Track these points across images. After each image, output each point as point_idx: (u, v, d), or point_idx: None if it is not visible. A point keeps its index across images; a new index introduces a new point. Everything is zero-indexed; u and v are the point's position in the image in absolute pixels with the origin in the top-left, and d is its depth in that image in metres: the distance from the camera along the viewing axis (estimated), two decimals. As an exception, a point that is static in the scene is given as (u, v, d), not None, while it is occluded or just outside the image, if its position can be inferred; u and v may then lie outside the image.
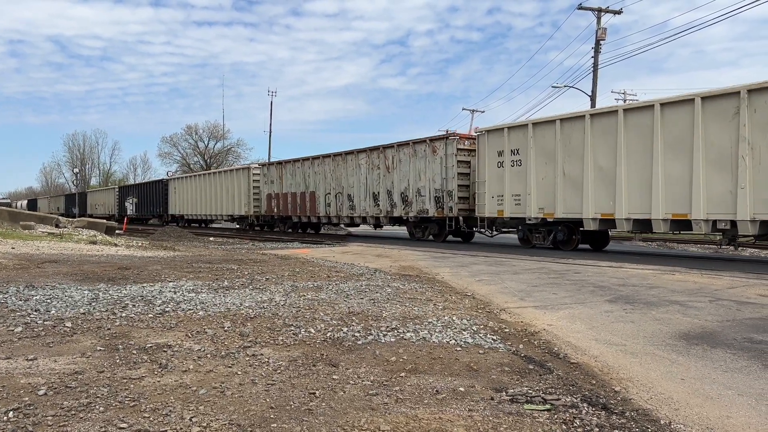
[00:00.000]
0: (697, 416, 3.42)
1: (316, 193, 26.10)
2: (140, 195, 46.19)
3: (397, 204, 21.76)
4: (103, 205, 55.10)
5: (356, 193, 23.73)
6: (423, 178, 20.51)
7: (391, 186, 21.98)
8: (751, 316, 6.28)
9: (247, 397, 3.57)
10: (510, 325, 5.93)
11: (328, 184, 25.39)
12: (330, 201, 25.34)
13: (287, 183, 28.19)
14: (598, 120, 15.17)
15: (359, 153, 23.76)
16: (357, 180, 23.67)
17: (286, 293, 7.57)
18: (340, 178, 24.69)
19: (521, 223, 17.37)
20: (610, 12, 31.13)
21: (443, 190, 19.58)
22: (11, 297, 6.83)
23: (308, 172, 26.76)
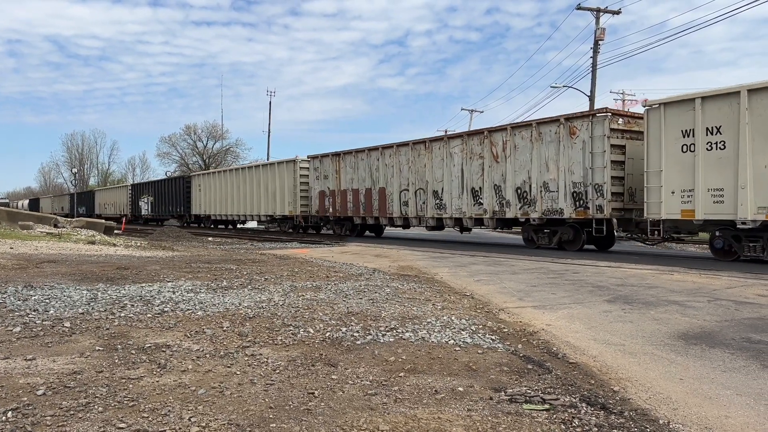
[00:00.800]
0: (696, 416, 3.43)
1: (387, 190, 21.90)
2: (157, 193, 42.19)
3: (510, 202, 17.27)
4: (114, 205, 51.63)
5: (446, 188, 19.33)
6: (553, 168, 16.07)
7: (501, 179, 17.54)
8: (750, 316, 6.29)
9: (246, 397, 3.57)
10: (509, 324, 5.93)
11: (404, 178, 21.19)
12: (407, 199, 21.06)
13: (346, 178, 23.95)
14: None
15: (451, 139, 19.58)
16: (448, 173, 19.29)
17: (284, 293, 7.57)
18: (422, 170, 20.39)
19: (721, 228, 13.06)
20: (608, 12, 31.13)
21: (587, 184, 15.25)
22: (10, 297, 6.82)
23: (376, 165, 22.44)
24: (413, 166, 20.86)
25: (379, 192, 22.43)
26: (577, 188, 15.60)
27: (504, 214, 17.60)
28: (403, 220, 21.60)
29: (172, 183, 40.96)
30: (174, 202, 39.44)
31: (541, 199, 16.51)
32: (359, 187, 23.37)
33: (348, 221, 24.54)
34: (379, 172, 22.42)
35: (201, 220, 37.09)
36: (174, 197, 39.56)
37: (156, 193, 42.56)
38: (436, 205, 19.90)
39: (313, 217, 26.51)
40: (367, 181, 22.95)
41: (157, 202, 42.09)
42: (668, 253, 16.61)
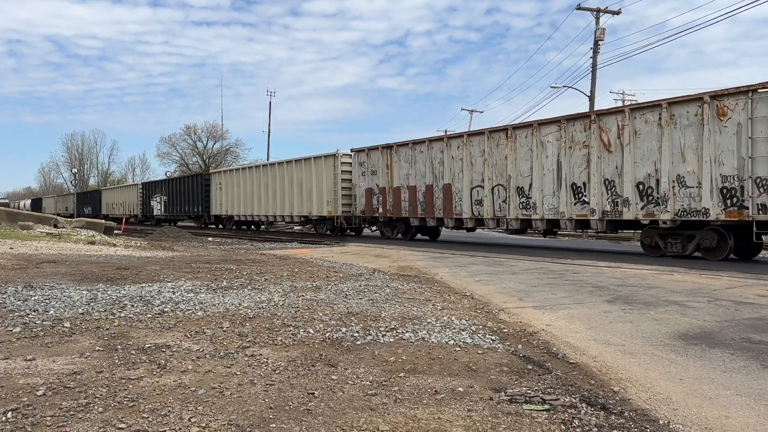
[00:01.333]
0: (696, 416, 3.43)
1: (454, 187, 18.86)
2: (172, 192, 39.24)
3: (628, 200, 14.30)
4: (123, 205, 48.76)
5: (536, 184, 16.31)
6: (692, 158, 13.11)
7: (615, 173, 14.59)
8: (750, 316, 6.29)
9: (246, 398, 3.57)
10: (509, 325, 5.93)
11: (476, 172, 18.11)
12: (481, 197, 17.98)
13: (400, 174, 21.02)
14: None
15: (543, 125, 16.31)
16: (538, 165, 16.24)
17: (284, 293, 7.57)
18: (501, 163, 17.34)
19: None
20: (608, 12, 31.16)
21: (744, 178, 12.27)
22: (10, 297, 6.82)
23: (439, 158, 19.48)
24: (490, 158, 17.68)
25: (443, 189, 19.32)
26: (727, 183, 12.53)
27: (619, 214, 14.52)
28: (475, 221, 18.50)
29: (189, 181, 37.84)
30: (191, 202, 36.49)
31: (674, 196, 13.42)
32: (417, 184, 20.36)
33: (401, 222, 21.66)
34: (444, 166, 19.28)
35: (222, 221, 34.28)
36: (191, 196, 36.58)
37: (170, 192, 39.63)
38: (522, 204, 16.80)
39: (357, 218, 23.55)
40: (428, 177, 19.82)
41: (172, 202, 39.17)
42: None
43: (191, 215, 37.45)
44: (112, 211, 50.51)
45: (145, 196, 44.42)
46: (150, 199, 43.03)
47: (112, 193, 53.61)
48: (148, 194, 43.80)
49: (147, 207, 43.68)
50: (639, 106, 14.61)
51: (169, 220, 41.10)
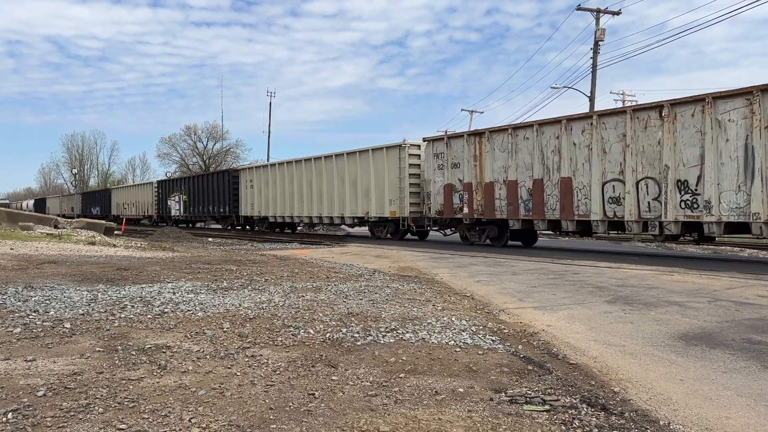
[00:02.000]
0: (696, 417, 3.42)
1: (576, 180, 15.30)
2: (193, 190, 36.11)
3: None
4: (135, 205, 45.52)
5: (709, 176, 12.66)
6: None
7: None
8: (750, 317, 6.29)
9: (246, 398, 3.57)
10: (509, 325, 5.93)
11: (612, 162, 14.53)
12: (619, 193, 14.44)
13: (495, 166, 17.31)
14: None
15: (721, 99, 12.55)
16: (713, 152, 12.57)
17: (285, 294, 7.57)
18: (652, 150, 13.76)
19: None
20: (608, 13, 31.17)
21: None
22: (10, 298, 6.82)
23: (553, 145, 15.89)
24: (634, 143, 14.09)
25: (559, 184, 15.67)
26: None
27: None
28: (608, 224, 14.90)
29: (214, 179, 34.26)
30: (216, 201, 33.22)
31: None
32: (519, 178, 16.61)
33: (493, 225, 17.95)
34: (560, 155, 15.66)
35: (253, 222, 31.09)
36: (216, 195, 33.29)
37: (191, 191, 36.34)
38: (685, 203, 13.18)
39: (432, 219, 19.82)
40: (536, 169, 16.13)
41: (193, 201, 35.92)
42: (668, 254, 16.61)
43: (216, 216, 34.18)
44: (123, 211, 47.48)
45: (161, 196, 41.17)
46: (167, 198, 39.91)
47: (124, 193, 50.10)
48: (164, 193, 40.62)
49: (163, 207, 40.47)
50: None
51: (190, 221, 38.49)
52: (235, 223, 32.60)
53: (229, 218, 32.72)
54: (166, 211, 40.05)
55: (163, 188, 41.38)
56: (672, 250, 18.47)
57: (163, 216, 40.80)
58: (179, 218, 38.52)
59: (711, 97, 12.72)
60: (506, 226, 17.55)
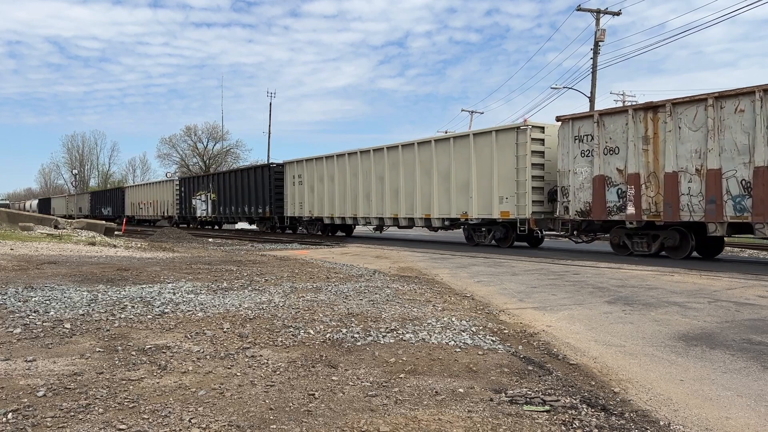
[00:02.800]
0: (696, 417, 3.42)
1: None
2: (224, 188, 32.22)
3: None
4: (153, 204, 41.53)
5: None
6: None
7: None
8: (750, 317, 6.29)
9: (246, 399, 3.57)
10: (509, 326, 5.93)
11: None
12: None
13: (680, 150, 13.00)
14: None
15: None
16: None
17: (285, 294, 7.57)
18: None
19: None
20: (608, 13, 31.17)
21: None
22: (10, 298, 6.82)
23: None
24: None
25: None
26: None
27: None
28: None
29: (251, 175, 29.83)
30: (253, 200, 29.13)
31: None
32: (724, 167, 12.28)
33: (672, 231, 13.67)
34: None
35: (301, 223, 27.18)
36: (253, 193, 29.15)
37: (222, 188, 32.37)
38: None
39: (570, 221, 15.45)
40: (759, 152, 11.70)
41: (224, 201, 32.11)
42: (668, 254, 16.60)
43: (254, 217, 29.89)
44: (139, 212, 43.72)
45: (183, 194, 37.10)
46: (191, 197, 36.01)
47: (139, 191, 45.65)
48: (188, 191, 36.51)
49: (186, 207, 36.62)
50: None
51: (218, 222, 34.43)
52: (276, 225, 28.45)
53: (270, 220, 28.41)
54: (189, 212, 36.05)
55: (186, 186, 37.15)
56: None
57: (186, 217, 37.02)
58: (206, 219, 34.56)
59: None
60: (692, 230, 13.41)
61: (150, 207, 42.33)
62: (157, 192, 41.81)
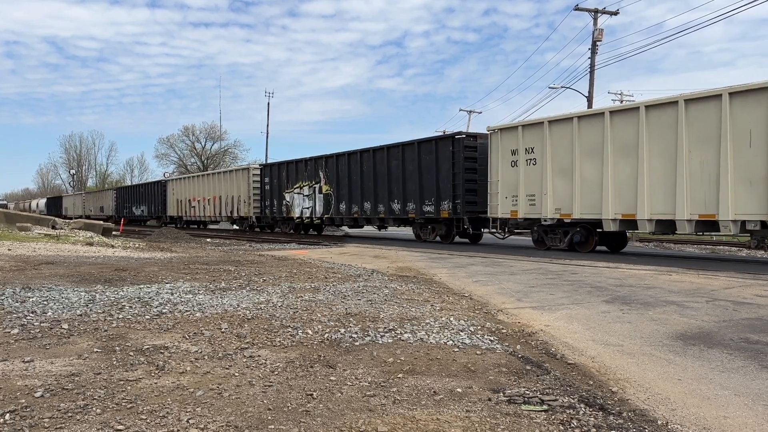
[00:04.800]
0: (694, 416, 3.43)
1: None
2: (349, 176, 23.07)
3: None
4: (213, 202, 32.00)
5: None
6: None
7: None
8: (748, 317, 6.30)
9: (244, 399, 3.57)
10: (507, 325, 5.94)
11: None
12: None
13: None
14: None
15: None
16: None
17: (283, 294, 7.56)
18: None
19: None
20: (606, 13, 31.21)
21: None
22: (7, 299, 6.81)
23: None
24: None
25: None
26: None
27: None
28: None
29: (410, 153, 20.44)
30: (414, 193, 20.21)
31: None
32: None
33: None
34: None
35: (510, 227, 18.02)
36: (412, 182, 20.31)
37: (343, 177, 23.31)
38: None
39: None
40: None
41: (352, 195, 22.92)
42: (666, 254, 16.63)
43: (420, 218, 20.26)
44: (190, 211, 34.50)
45: (268, 187, 28.04)
46: (281, 190, 27.09)
47: (190, 185, 35.30)
48: (276, 184, 27.46)
49: (274, 204, 27.61)
50: None
51: (335, 224, 25.15)
52: (466, 230, 19.53)
53: (449, 225, 19.67)
54: (279, 210, 27.07)
55: (273, 175, 27.77)
56: (670, 250, 18.50)
57: (274, 217, 27.85)
58: (313, 221, 25.31)
59: None
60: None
61: (208, 205, 32.84)
62: (219, 185, 31.94)
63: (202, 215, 34.14)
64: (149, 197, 41.14)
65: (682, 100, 13.40)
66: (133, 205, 43.61)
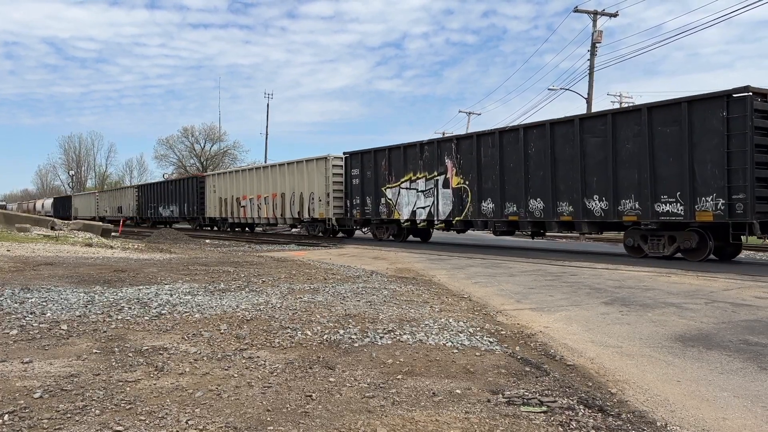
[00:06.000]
0: (693, 418, 3.43)
1: None
2: (493, 162, 17.03)
3: None
4: (271, 203, 26.16)
5: None
6: None
7: None
8: (747, 318, 6.30)
9: (243, 400, 3.57)
10: (506, 327, 5.94)
11: None
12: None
13: None
14: None
15: None
16: None
17: (282, 295, 7.56)
18: None
19: None
20: (605, 15, 31.25)
21: None
22: (6, 299, 6.80)
23: None
24: None
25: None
26: None
27: None
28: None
29: (608, 125, 14.24)
30: (624, 182, 14.01)
31: None
32: None
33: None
34: None
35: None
36: (621, 167, 14.03)
37: (484, 164, 17.35)
38: None
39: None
40: None
41: (499, 189, 16.81)
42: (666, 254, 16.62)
43: (653, 219, 13.44)
44: (238, 212, 28.80)
45: (354, 182, 22.29)
46: (377, 185, 21.21)
47: (241, 180, 29.13)
48: (370, 176, 21.59)
49: (363, 202, 21.86)
50: None
51: (472, 227, 18.70)
52: None
53: (730, 233, 12.31)
54: (376, 211, 21.32)
55: (365, 166, 21.84)
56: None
57: (370, 219, 21.96)
58: (435, 224, 19.65)
59: None
60: None
61: (265, 204, 26.78)
62: (283, 179, 25.70)
63: (256, 216, 28.06)
64: (181, 195, 34.93)
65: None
66: (160, 204, 37.43)
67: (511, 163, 16.74)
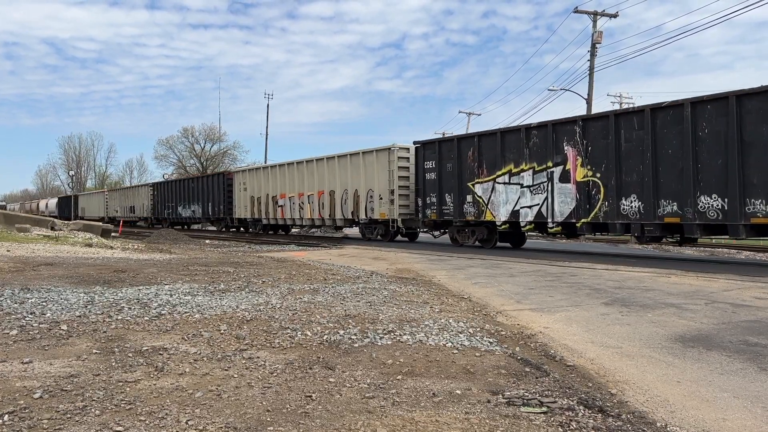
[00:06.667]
0: (693, 418, 3.43)
1: None
2: (634, 150, 13.26)
3: None
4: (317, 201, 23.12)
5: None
6: None
7: None
8: (747, 319, 6.30)
9: (243, 400, 3.57)
10: (506, 327, 5.93)
11: None
12: None
13: None
14: None
15: None
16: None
17: (282, 296, 7.56)
18: None
19: None
20: (605, 15, 31.25)
21: None
22: (6, 300, 6.80)
23: None
24: None
25: None
26: None
27: None
28: None
29: None
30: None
31: None
32: None
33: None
34: None
35: None
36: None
37: (624, 153, 13.57)
38: None
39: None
40: None
41: (652, 182, 12.96)
42: (666, 256, 16.64)
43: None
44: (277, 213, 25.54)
45: (427, 177, 18.86)
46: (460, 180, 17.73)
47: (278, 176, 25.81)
48: (450, 169, 18.08)
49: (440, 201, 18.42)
50: None
51: (606, 231, 15.00)
52: None
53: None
54: (459, 211, 17.94)
55: (444, 157, 18.37)
56: (669, 252, 18.50)
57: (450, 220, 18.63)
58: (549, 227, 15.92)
59: None
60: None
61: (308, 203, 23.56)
62: (332, 174, 22.50)
63: (297, 217, 24.60)
64: (204, 194, 31.68)
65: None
66: (180, 204, 34.00)
67: (670, 149, 12.94)
